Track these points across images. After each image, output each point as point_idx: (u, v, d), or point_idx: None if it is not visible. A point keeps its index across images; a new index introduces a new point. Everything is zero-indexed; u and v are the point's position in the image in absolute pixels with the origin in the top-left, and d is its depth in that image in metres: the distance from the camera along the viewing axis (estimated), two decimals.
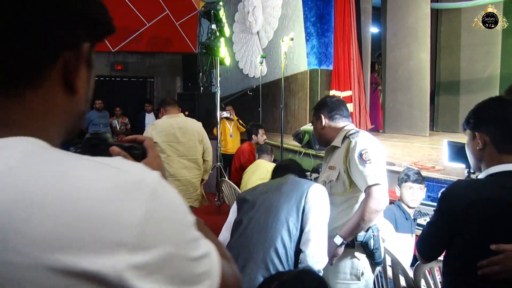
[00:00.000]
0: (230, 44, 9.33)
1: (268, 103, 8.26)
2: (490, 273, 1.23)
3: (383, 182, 1.90)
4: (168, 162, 3.59)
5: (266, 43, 8.63)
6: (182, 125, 3.73)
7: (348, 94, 6.41)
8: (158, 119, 3.96)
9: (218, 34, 6.47)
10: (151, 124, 3.97)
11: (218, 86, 5.95)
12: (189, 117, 4.19)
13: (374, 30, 8.14)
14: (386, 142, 5.61)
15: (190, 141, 3.74)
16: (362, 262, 2.03)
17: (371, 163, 1.89)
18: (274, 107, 8.15)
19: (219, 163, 5.76)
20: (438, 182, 3.22)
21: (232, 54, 9.33)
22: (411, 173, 2.68)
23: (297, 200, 1.73)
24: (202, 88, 9.20)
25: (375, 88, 7.83)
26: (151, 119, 7.84)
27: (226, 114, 6.10)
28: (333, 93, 6.45)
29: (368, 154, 1.90)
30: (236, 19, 9.69)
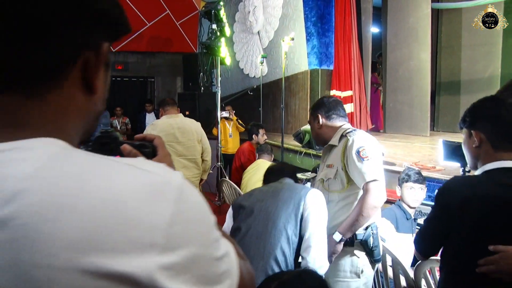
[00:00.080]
0: (230, 44, 9.33)
1: (268, 103, 8.25)
2: (486, 272, 1.27)
3: (381, 178, 1.94)
4: None
5: (267, 43, 8.63)
6: (181, 125, 3.75)
7: (348, 94, 6.41)
8: (157, 119, 3.98)
9: (218, 34, 6.47)
10: (151, 124, 3.98)
11: (219, 86, 5.95)
12: (189, 117, 4.20)
13: (374, 30, 8.13)
14: (386, 142, 5.60)
15: (189, 141, 3.76)
16: (362, 260, 2.05)
17: (369, 160, 1.93)
18: (274, 107, 8.15)
19: (220, 163, 5.76)
20: (439, 182, 3.22)
21: (232, 54, 9.33)
22: (412, 173, 2.68)
23: (295, 207, 1.75)
24: (202, 88, 9.21)
25: (376, 88, 7.83)
26: (152, 119, 7.84)
27: (226, 114, 6.10)
28: (333, 93, 6.45)
29: (365, 152, 1.94)
30: (236, 19, 9.69)
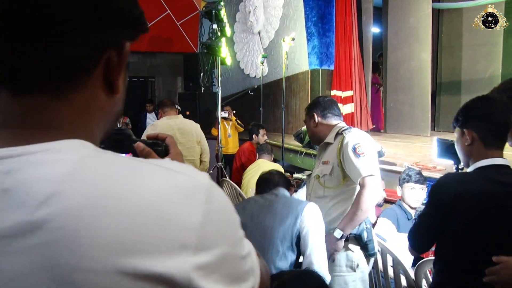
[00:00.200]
0: (231, 44, 9.33)
1: (269, 103, 8.25)
2: (489, 282, 1.28)
3: (377, 174, 2.01)
4: None
5: (267, 43, 8.64)
6: (181, 126, 3.77)
7: (349, 94, 6.41)
8: (157, 120, 3.99)
9: (219, 34, 6.46)
10: (151, 124, 4.00)
11: (219, 86, 5.94)
12: (190, 117, 4.20)
13: (375, 30, 8.13)
14: (387, 142, 5.60)
15: (189, 142, 3.77)
16: (357, 254, 2.10)
17: (365, 156, 1.99)
18: (275, 107, 8.15)
19: (220, 163, 5.76)
20: None
21: (233, 54, 9.33)
22: (413, 173, 2.68)
23: (291, 224, 1.78)
24: (203, 88, 9.22)
25: (378, 88, 7.82)
26: (152, 119, 7.84)
27: (225, 114, 6.10)
28: (334, 93, 6.45)
29: (361, 148, 2.01)
30: (237, 19, 9.70)
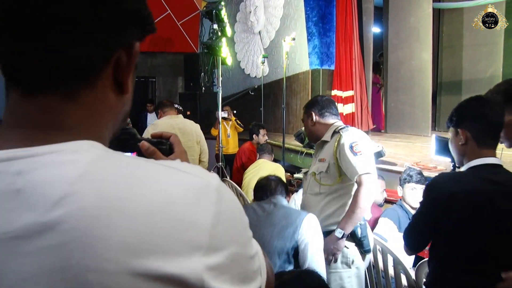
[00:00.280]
0: (231, 44, 9.34)
1: (269, 103, 8.25)
2: None
3: (373, 172, 2.04)
4: None
5: (268, 43, 8.64)
6: (181, 125, 3.80)
7: (349, 94, 6.40)
8: (159, 118, 4.01)
9: (219, 34, 6.47)
10: (152, 124, 4.01)
11: (220, 86, 5.94)
12: (190, 117, 4.21)
13: (376, 30, 8.13)
14: (388, 142, 5.60)
15: (189, 141, 3.79)
16: (352, 251, 2.11)
17: (362, 154, 2.02)
18: (275, 107, 8.15)
19: (221, 163, 5.76)
20: None
21: (233, 54, 9.34)
22: (414, 173, 2.68)
23: (289, 236, 1.80)
24: (203, 88, 9.23)
25: (379, 88, 7.81)
26: (153, 119, 7.83)
27: (224, 114, 6.09)
28: (334, 93, 6.45)
29: (358, 146, 2.03)
30: (237, 19, 9.70)
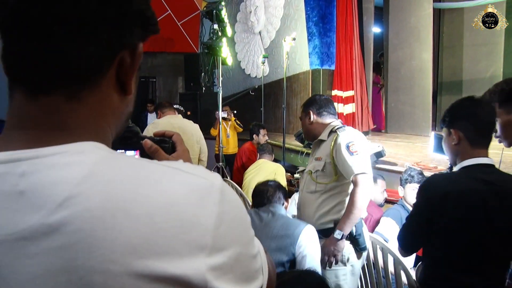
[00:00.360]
0: (232, 44, 9.34)
1: (270, 103, 8.25)
2: None
3: (369, 172, 2.05)
4: None
5: (268, 43, 8.63)
6: (181, 125, 3.82)
7: (350, 94, 6.41)
8: (158, 118, 4.02)
9: (220, 34, 6.46)
10: (152, 123, 4.02)
11: (220, 86, 5.94)
12: (191, 117, 4.22)
13: (376, 30, 8.13)
14: (388, 142, 5.60)
15: (189, 140, 3.79)
16: (347, 248, 2.12)
17: (358, 154, 2.03)
18: (276, 107, 8.15)
19: (222, 163, 5.77)
20: None
21: (234, 54, 9.33)
22: (415, 174, 2.69)
23: (287, 248, 1.81)
24: (204, 88, 9.22)
25: (380, 88, 7.81)
26: (153, 119, 7.79)
27: (224, 114, 6.09)
28: (335, 93, 6.45)
29: (354, 146, 2.05)
30: (238, 19, 9.70)
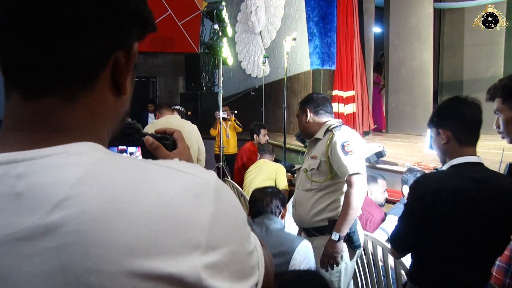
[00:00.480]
0: (232, 44, 9.34)
1: (270, 103, 8.25)
2: None
3: (363, 172, 2.06)
4: None
5: (269, 43, 8.64)
6: (180, 125, 3.84)
7: (350, 94, 6.40)
8: (156, 119, 4.06)
9: (220, 34, 6.48)
10: (151, 123, 4.04)
11: (221, 86, 5.95)
12: (191, 117, 4.23)
13: (377, 30, 8.12)
14: (389, 142, 5.60)
15: (188, 140, 3.78)
16: None
17: (353, 154, 2.04)
18: (276, 107, 8.15)
19: (222, 163, 5.77)
20: None
21: (234, 54, 9.34)
22: (420, 174, 2.70)
23: (282, 266, 1.80)
24: (204, 88, 9.23)
25: (381, 88, 7.80)
26: (154, 119, 7.84)
27: (224, 114, 6.10)
28: (335, 93, 6.45)
29: (349, 146, 2.06)
30: (238, 19, 9.70)
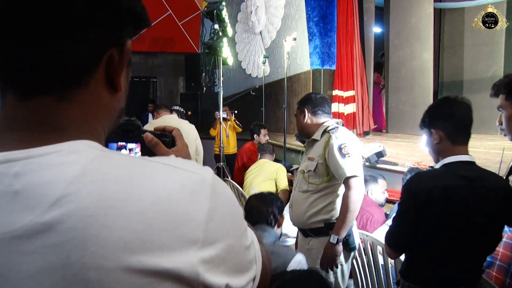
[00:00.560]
0: (232, 44, 9.34)
1: (271, 103, 8.25)
2: None
3: (360, 174, 2.06)
4: None
5: (269, 43, 8.63)
6: (178, 124, 3.82)
7: (351, 94, 6.40)
8: (155, 119, 4.08)
9: (220, 34, 6.48)
10: (149, 123, 4.05)
11: (221, 86, 5.94)
12: (191, 117, 4.24)
13: (377, 30, 8.13)
14: (389, 142, 5.60)
15: (186, 139, 3.81)
16: None
17: (350, 157, 2.04)
18: (277, 107, 8.15)
19: (222, 163, 5.77)
20: None
21: (234, 54, 9.34)
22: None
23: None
24: (204, 88, 9.23)
25: (382, 88, 7.79)
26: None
27: (223, 114, 6.10)
28: (336, 93, 6.45)
29: (347, 148, 2.05)
30: (238, 19, 9.70)
